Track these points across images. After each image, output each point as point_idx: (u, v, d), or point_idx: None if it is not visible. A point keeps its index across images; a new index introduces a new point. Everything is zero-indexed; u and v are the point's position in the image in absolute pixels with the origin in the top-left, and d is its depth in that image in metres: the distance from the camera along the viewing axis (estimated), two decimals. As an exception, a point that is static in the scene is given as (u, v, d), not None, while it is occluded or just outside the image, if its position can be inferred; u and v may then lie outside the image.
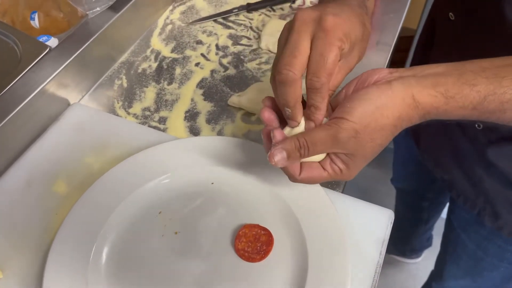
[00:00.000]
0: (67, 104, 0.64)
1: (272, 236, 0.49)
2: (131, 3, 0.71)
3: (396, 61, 1.12)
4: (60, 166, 0.57)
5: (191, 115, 0.64)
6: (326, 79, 0.39)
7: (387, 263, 1.47)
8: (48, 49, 0.63)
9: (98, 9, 0.66)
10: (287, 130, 0.43)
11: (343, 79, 0.44)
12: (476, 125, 0.58)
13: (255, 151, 0.55)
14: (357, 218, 0.51)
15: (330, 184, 0.56)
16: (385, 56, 0.73)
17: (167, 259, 0.48)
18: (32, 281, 0.47)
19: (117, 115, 0.64)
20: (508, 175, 0.58)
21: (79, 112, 0.63)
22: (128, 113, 0.65)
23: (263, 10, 0.81)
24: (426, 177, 0.84)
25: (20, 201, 0.54)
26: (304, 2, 0.83)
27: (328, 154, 0.42)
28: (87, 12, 0.66)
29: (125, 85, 0.69)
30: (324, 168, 0.42)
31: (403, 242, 1.34)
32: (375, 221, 0.51)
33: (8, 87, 0.59)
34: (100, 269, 0.46)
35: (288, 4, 0.82)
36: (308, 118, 0.41)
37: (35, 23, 0.67)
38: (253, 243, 0.48)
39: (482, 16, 0.51)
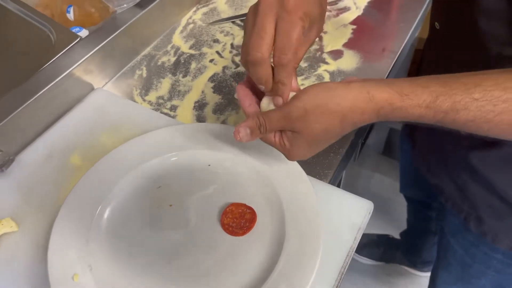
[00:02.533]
0: (91, 88, 0.72)
1: (255, 215, 0.53)
2: (156, 2, 0.78)
3: (412, 74, 1.14)
4: (78, 142, 0.64)
5: (199, 105, 0.70)
6: (292, 56, 0.43)
7: (398, 274, 1.47)
8: (78, 39, 0.71)
9: (125, 5, 0.73)
10: (264, 103, 0.48)
11: (304, 54, 0.48)
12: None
13: (251, 139, 0.60)
14: (338, 206, 0.55)
15: (318, 175, 0.60)
16: (389, 62, 0.76)
17: (159, 226, 0.53)
18: (43, 235, 0.54)
19: (134, 101, 0.71)
20: (490, 181, 0.59)
21: (101, 96, 0.71)
22: (144, 100, 0.71)
23: (279, 15, 0.86)
24: (430, 185, 0.86)
25: (41, 169, 0.61)
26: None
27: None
28: (116, 8, 0.74)
29: (144, 75, 0.76)
30: (274, 136, 0.47)
31: (413, 253, 1.34)
32: (354, 210, 0.55)
33: (41, 69, 0.66)
34: (100, 228, 0.53)
35: (303, 10, 0.87)
36: (275, 94, 0.46)
37: (70, 16, 0.76)
38: (238, 219, 0.53)
39: (460, 27, 0.54)
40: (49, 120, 0.67)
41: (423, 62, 0.71)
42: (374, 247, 1.44)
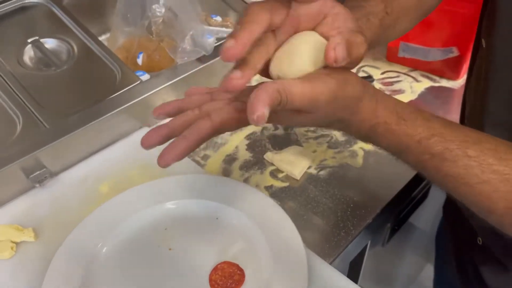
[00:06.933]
0: (139, 126, 0.78)
1: (244, 278, 0.53)
2: (217, 59, 0.85)
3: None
4: (111, 173, 0.70)
5: (229, 159, 0.73)
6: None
7: None
8: (139, 81, 0.79)
9: (186, 58, 0.80)
10: (276, 64, 0.38)
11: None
12: (478, 240, 0.55)
13: (264, 202, 0.61)
14: (330, 289, 0.53)
15: (322, 252, 0.58)
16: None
17: (152, 265, 0.56)
18: (54, 251, 0.58)
19: (174, 145, 0.76)
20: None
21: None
22: (182, 145, 0.76)
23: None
24: None
25: (73, 190, 0.67)
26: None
27: None
28: (177, 60, 0.81)
29: (190, 122, 0.81)
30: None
31: None
32: (346, 298, 0.52)
33: (100, 102, 0.75)
34: (99, 258, 0.56)
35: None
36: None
37: (139, 61, 0.85)
38: (226, 278, 0.53)
39: None
40: (94, 148, 0.74)
41: None
42: None
